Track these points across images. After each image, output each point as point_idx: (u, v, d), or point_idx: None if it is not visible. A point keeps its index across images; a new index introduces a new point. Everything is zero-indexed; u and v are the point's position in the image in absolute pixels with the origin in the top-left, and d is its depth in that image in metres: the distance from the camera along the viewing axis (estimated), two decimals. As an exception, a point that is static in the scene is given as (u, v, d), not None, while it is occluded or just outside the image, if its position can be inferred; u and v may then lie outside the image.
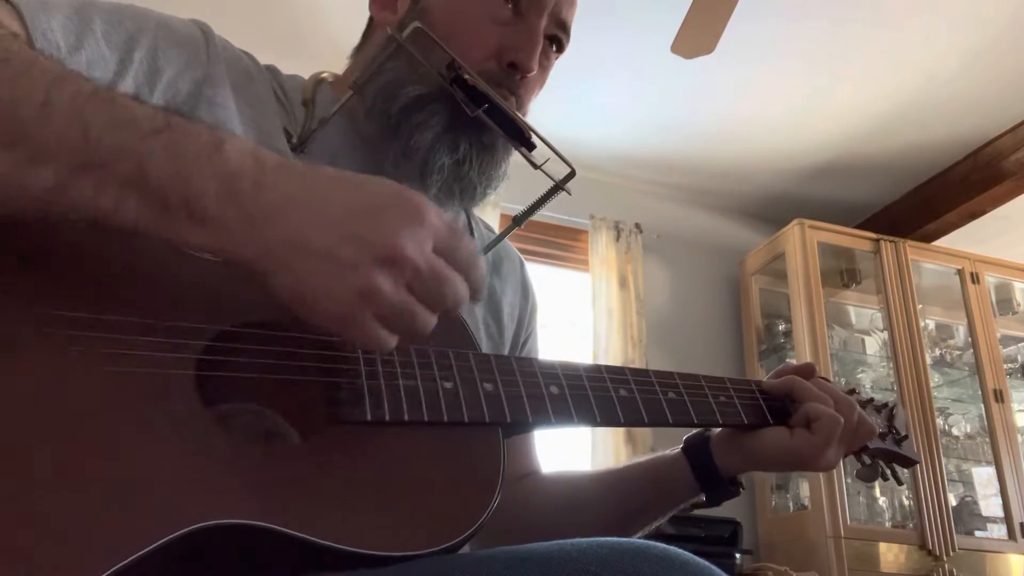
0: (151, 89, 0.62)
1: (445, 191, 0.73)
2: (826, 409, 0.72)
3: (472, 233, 0.86)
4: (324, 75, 0.78)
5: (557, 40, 0.78)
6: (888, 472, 0.81)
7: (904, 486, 2.84)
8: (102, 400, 0.44)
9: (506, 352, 0.84)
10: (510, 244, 0.91)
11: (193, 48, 0.66)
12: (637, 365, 2.91)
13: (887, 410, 0.84)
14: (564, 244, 3.27)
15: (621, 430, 2.79)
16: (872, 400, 0.84)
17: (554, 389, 0.60)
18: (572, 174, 0.74)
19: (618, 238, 3.17)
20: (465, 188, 0.74)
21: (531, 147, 0.72)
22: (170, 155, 0.44)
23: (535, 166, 0.73)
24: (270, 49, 1.03)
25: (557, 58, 0.80)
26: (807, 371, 0.79)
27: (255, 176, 0.45)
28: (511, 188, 0.82)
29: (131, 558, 0.38)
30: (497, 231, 0.87)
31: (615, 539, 0.44)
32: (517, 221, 0.80)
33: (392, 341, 0.47)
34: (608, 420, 0.62)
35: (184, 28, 0.68)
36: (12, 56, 0.45)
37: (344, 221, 0.45)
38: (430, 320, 0.48)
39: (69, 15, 0.58)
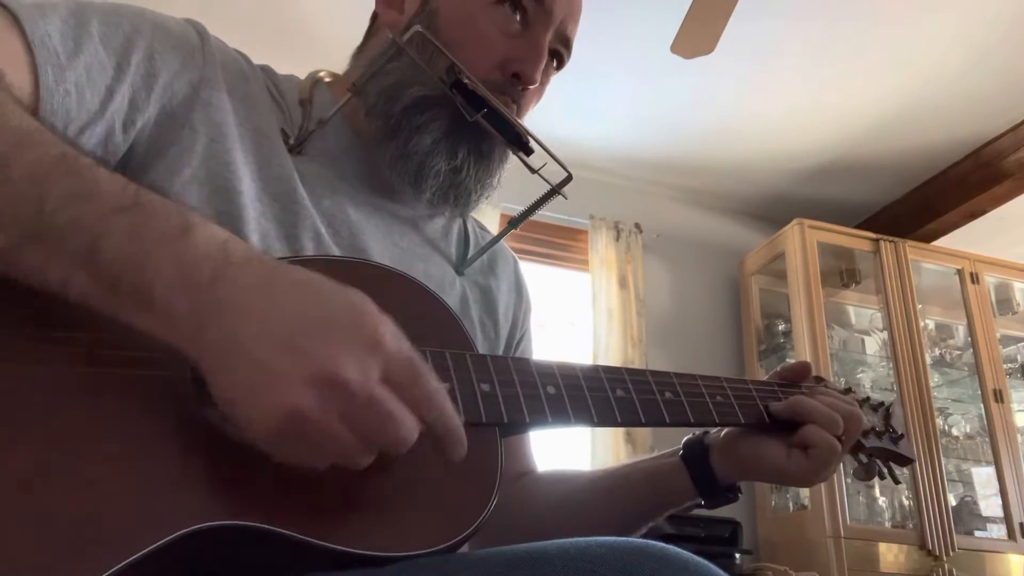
0: (148, 93, 0.62)
1: (440, 196, 0.73)
2: (825, 437, 0.71)
3: (468, 236, 0.86)
4: (322, 74, 0.78)
5: (558, 56, 0.78)
6: (885, 470, 0.81)
7: (902, 484, 2.84)
8: (100, 400, 0.44)
9: (500, 352, 0.84)
10: (505, 245, 0.91)
11: (189, 50, 0.66)
12: (637, 365, 2.91)
13: (884, 409, 0.84)
14: (564, 244, 3.27)
15: (620, 429, 2.79)
16: (868, 399, 0.84)
17: (551, 389, 0.60)
18: (569, 178, 0.74)
19: (618, 238, 3.17)
20: (460, 195, 0.74)
21: (529, 152, 0.73)
22: (129, 236, 0.42)
23: (532, 171, 0.73)
24: (270, 49, 1.03)
25: (555, 73, 0.81)
26: (803, 370, 0.79)
27: (215, 268, 0.42)
28: (511, 189, 0.82)
29: (129, 560, 0.38)
30: (496, 231, 0.87)
31: (614, 538, 0.44)
32: (513, 224, 0.80)
33: (318, 466, 0.43)
34: (605, 420, 0.62)
35: (179, 29, 0.67)
36: None
37: (290, 331, 0.41)
38: (363, 456, 0.43)
39: (66, 18, 0.58)
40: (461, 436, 0.46)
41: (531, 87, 0.74)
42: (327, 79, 0.77)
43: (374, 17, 0.82)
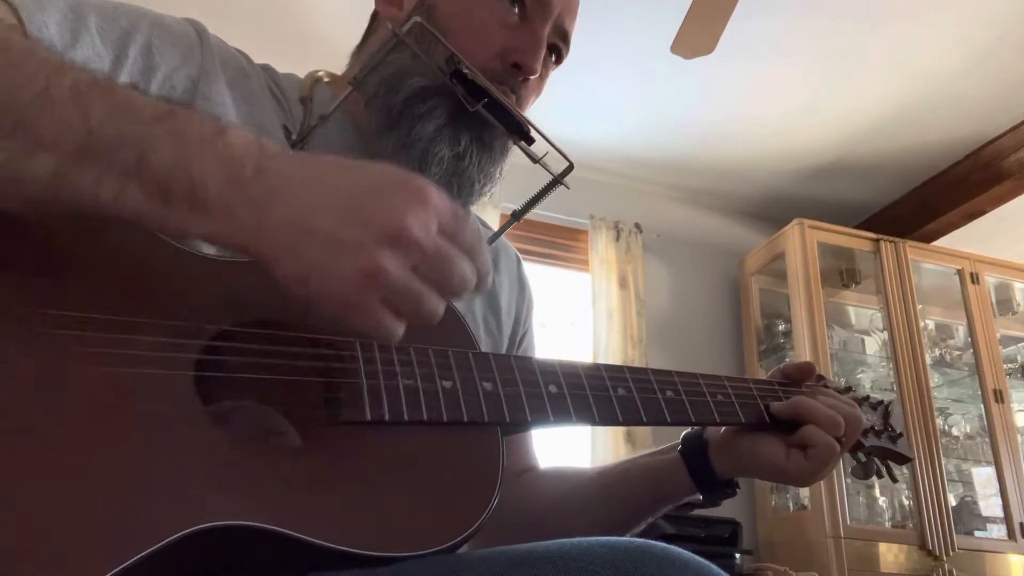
0: (146, 86, 0.62)
1: (443, 185, 0.73)
2: (825, 438, 0.71)
3: None
4: (321, 74, 0.78)
5: (557, 50, 0.79)
6: (883, 469, 0.82)
7: (900, 483, 2.84)
8: (100, 400, 0.44)
9: (504, 349, 0.85)
10: (507, 241, 0.91)
11: (187, 45, 0.66)
12: (637, 365, 2.91)
13: (882, 407, 0.84)
14: (564, 244, 3.27)
15: (620, 428, 2.79)
16: (868, 398, 0.84)
17: (553, 388, 0.60)
18: (570, 168, 0.74)
19: (618, 238, 3.17)
20: (463, 184, 0.74)
21: (530, 141, 0.73)
22: (172, 142, 0.43)
23: (534, 160, 0.73)
24: (270, 50, 1.03)
25: (555, 68, 0.81)
26: (806, 370, 0.79)
27: (257, 161, 0.44)
28: (509, 186, 0.82)
29: (129, 561, 0.38)
30: (495, 228, 0.87)
31: (615, 538, 0.44)
32: (516, 216, 0.80)
33: (399, 328, 0.46)
34: (606, 419, 0.62)
35: (178, 26, 0.68)
36: (11, 45, 0.45)
37: (347, 202, 0.44)
38: (438, 304, 0.46)
39: (64, 12, 0.58)
40: (490, 270, 0.50)
41: (531, 78, 0.75)
42: (326, 79, 0.77)
43: (373, 17, 0.83)
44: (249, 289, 0.52)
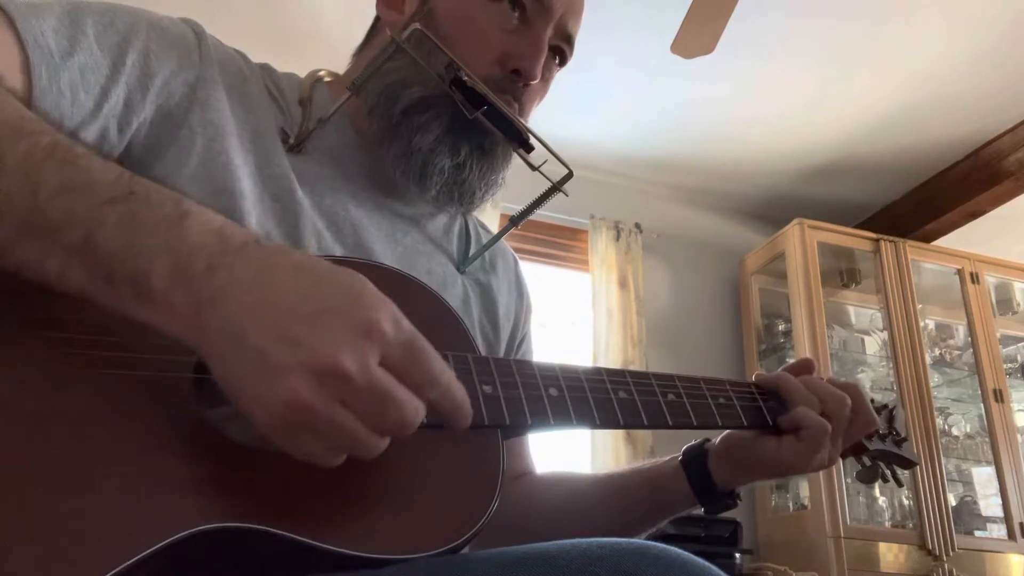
0: (144, 93, 0.61)
1: (445, 194, 0.73)
2: (811, 416, 0.71)
3: (469, 235, 0.86)
4: (322, 73, 0.77)
5: (560, 52, 0.78)
6: (888, 474, 0.81)
7: (904, 487, 2.84)
8: (99, 402, 0.44)
9: (501, 353, 0.84)
10: (505, 244, 0.91)
11: (185, 49, 0.66)
12: (637, 365, 2.91)
13: (887, 411, 0.84)
14: (564, 244, 3.27)
15: (621, 432, 2.79)
16: (872, 401, 0.84)
17: (553, 391, 0.60)
18: (569, 175, 0.74)
19: (618, 238, 3.17)
20: (464, 192, 0.74)
21: (529, 149, 0.73)
22: (123, 225, 0.42)
23: (533, 167, 0.73)
24: (270, 49, 1.03)
25: (559, 70, 0.81)
26: (805, 367, 0.79)
27: (211, 256, 0.42)
28: (511, 189, 0.82)
29: (129, 562, 0.38)
30: (496, 231, 0.87)
31: (615, 539, 0.44)
32: (514, 221, 0.80)
33: (331, 458, 0.43)
34: (607, 422, 0.62)
35: (176, 28, 0.67)
36: None
37: (287, 320, 0.41)
38: (373, 441, 0.43)
39: (61, 17, 0.57)
40: (467, 409, 0.47)
41: (532, 83, 0.74)
42: (327, 79, 0.77)
43: (376, 19, 0.82)
44: None
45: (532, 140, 0.73)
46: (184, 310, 0.42)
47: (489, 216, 2.83)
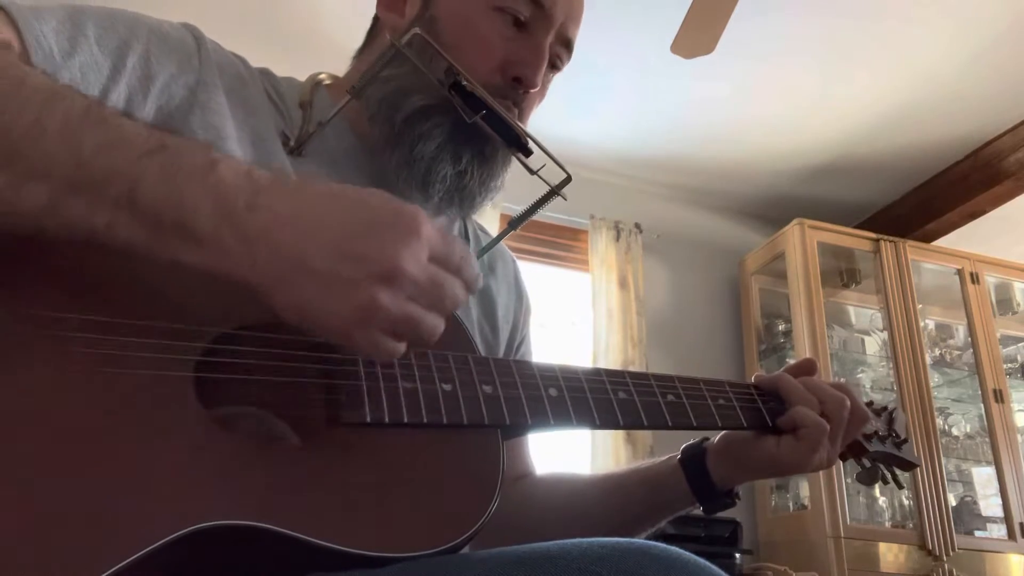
0: (144, 95, 0.62)
1: (447, 200, 0.74)
2: (810, 415, 0.71)
3: (468, 237, 0.87)
4: (322, 76, 0.77)
5: (559, 57, 0.78)
6: (888, 475, 0.81)
7: (904, 489, 2.84)
8: (101, 401, 0.44)
9: (500, 354, 0.85)
10: (504, 246, 0.91)
11: (185, 53, 0.66)
12: (637, 365, 2.91)
13: (887, 413, 0.84)
14: (564, 244, 3.27)
15: (621, 432, 2.79)
16: (871, 403, 0.84)
17: (553, 392, 0.60)
18: (568, 179, 0.74)
19: (618, 238, 3.17)
20: (465, 197, 0.75)
21: (528, 153, 0.73)
22: (163, 175, 0.44)
23: (531, 171, 0.73)
24: (271, 50, 1.03)
25: (556, 74, 0.81)
26: (808, 368, 0.79)
27: (249, 196, 0.45)
28: (510, 189, 0.82)
29: (129, 559, 0.38)
30: (496, 231, 0.87)
31: (615, 539, 0.44)
32: (513, 224, 0.81)
33: (400, 348, 0.48)
34: (607, 422, 0.63)
35: (176, 33, 0.67)
36: (2, 73, 0.45)
37: (341, 239, 0.45)
38: (436, 324, 0.49)
39: (62, 20, 0.58)
40: (477, 279, 0.53)
41: (534, 89, 0.74)
42: (328, 82, 0.77)
43: (376, 20, 0.82)
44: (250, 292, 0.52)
45: (531, 144, 0.73)
46: (234, 248, 0.44)
47: (489, 217, 2.83)
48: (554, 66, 0.78)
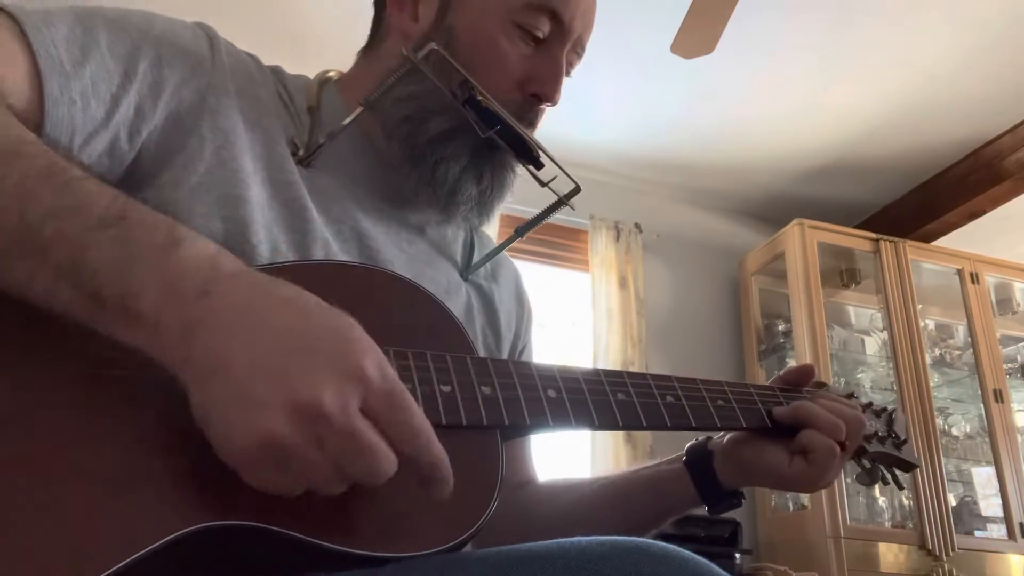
0: (155, 101, 0.61)
1: (470, 215, 0.76)
2: (825, 442, 0.71)
3: (475, 245, 0.86)
4: (331, 74, 0.77)
5: (571, 64, 0.78)
6: (888, 476, 0.81)
7: (904, 490, 2.84)
8: (95, 401, 0.44)
9: None
10: (507, 255, 0.91)
11: (198, 56, 0.65)
12: (637, 365, 2.91)
13: (887, 414, 0.84)
14: (564, 244, 3.27)
15: (620, 432, 2.79)
16: (871, 404, 0.84)
17: (552, 393, 0.60)
18: (577, 190, 0.74)
19: (618, 238, 3.17)
20: (484, 212, 0.76)
21: (540, 166, 0.73)
22: (114, 249, 0.42)
23: (543, 184, 0.74)
24: (271, 50, 1.03)
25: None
26: (806, 373, 0.79)
27: (204, 282, 0.42)
28: (518, 191, 0.82)
29: (127, 560, 0.38)
30: (497, 230, 0.87)
31: (615, 538, 0.44)
32: (519, 232, 0.81)
33: (288, 492, 0.42)
34: (606, 424, 0.62)
35: (189, 34, 0.66)
36: None
37: (273, 352, 0.41)
38: (336, 483, 0.42)
39: (72, 27, 0.57)
40: (446, 472, 0.45)
41: (554, 106, 0.75)
42: (335, 78, 0.77)
43: (379, 15, 0.80)
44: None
45: (542, 157, 0.73)
46: (171, 334, 0.41)
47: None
48: (567, 74, 0.78)
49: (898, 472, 0.83)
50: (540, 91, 0.73)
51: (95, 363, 0.45)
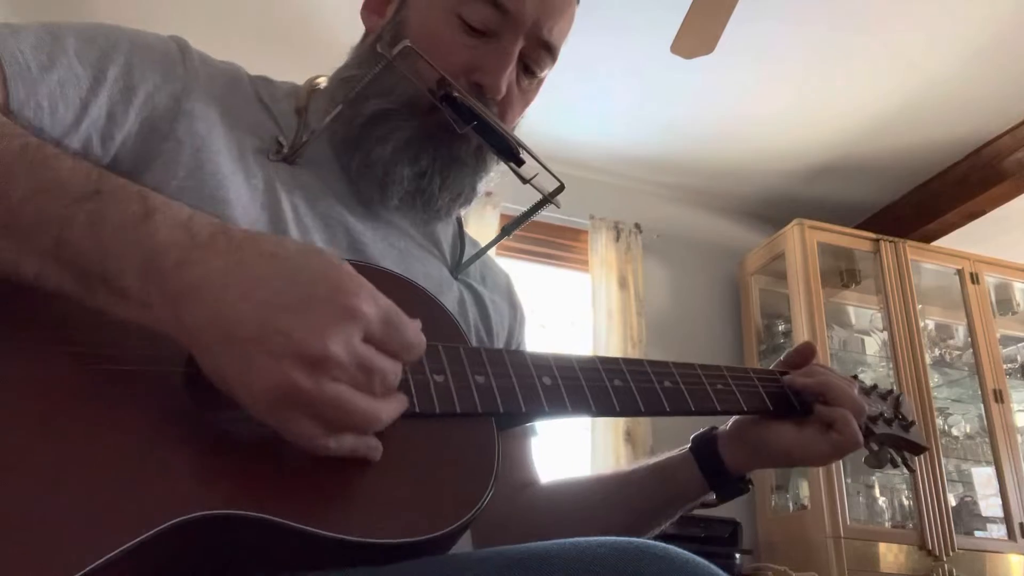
0: (126, 106, 0.61)
1: (407, 202, 0.73)
2: (852, 425, 0.71)
3: (463, 243, 0.86)
4: (320, 80, 0.77)
5: (537, 62, 0.74)
6: (897, 458, 0.80)
7: (901, 483, 2.84)
8: (92, 395, 0.44)
9: None
10: (496, 263, 0.91)
11: (169, 62, 0.66)
12: (637, 365, 2.90)
13: (892, 397, 0.83)
14: (564, 244, 3.28)
15: (620, 430, 2.79)
16: (876, 387, 0.83)
17: (547, 380, 0.60)
18: (561, 188, 0.74)
19: (618, 238, 3.17)
20: (428, 200, 0.73)
21: (520, 162, 0.72)
22: (91, 226, 0.43)
23: (524, 180, 0.72)
24: (273, 50, 1.02)
25: (540, 76, 0.77)
26: (807, 352, 0.79)
27: (180, 252, 0.43)
28: (509, 190, 0.82)
29: (122, 548, 0.38)
30: (496, 231, 0.87)
31: (615, 538, 0.44)
32: (506, 231, 0.80)
33: (328, 439, 0.44)
34: (603, 410, 0.62)
35: (159, 43, 0.67)
36: None
37: (270, 311, 0.42)
38: (369, 407, 0.45)
39: (41, 35, 0.58)
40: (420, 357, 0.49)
41: (498, 96, 0.72)
42: (324, 85, 0.77)
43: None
44: None
45: (523, 153, 0.72)
46: (161, 307, 0.43)
47: (489, 218, 2.82)
48: (530, 71, 0.75)
49: (907, 455, 0.82)
50: (482, 80, 0.71)
51: (90, 359, 0.45)
